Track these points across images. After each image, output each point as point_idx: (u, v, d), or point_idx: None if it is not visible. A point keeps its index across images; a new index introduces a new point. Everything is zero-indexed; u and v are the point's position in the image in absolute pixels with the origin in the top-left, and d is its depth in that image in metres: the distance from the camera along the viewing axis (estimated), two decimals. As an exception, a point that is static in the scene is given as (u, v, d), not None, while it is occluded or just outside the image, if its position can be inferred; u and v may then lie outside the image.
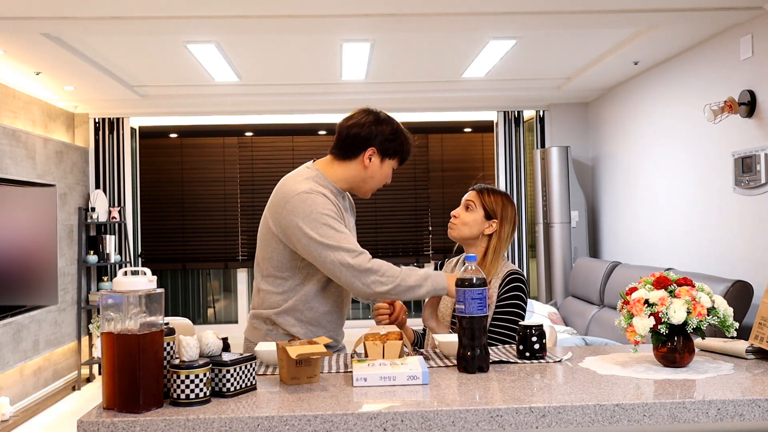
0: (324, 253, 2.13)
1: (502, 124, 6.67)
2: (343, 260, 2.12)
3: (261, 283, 2.30)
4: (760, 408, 1.61)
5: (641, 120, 5.43)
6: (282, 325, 2.28)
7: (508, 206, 2.51)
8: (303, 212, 2.15)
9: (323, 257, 2.14)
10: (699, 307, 1.89)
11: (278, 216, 2.20)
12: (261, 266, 2.31)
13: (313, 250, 2.14)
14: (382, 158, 2.32)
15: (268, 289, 2.28)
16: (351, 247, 2.14)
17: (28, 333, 5.17)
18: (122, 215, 6.40)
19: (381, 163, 2.32)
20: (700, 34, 4.35)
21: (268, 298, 2.29)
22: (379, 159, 2.31)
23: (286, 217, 2.17)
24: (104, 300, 1.65)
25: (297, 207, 2.16)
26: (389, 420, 1.56)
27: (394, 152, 2.33)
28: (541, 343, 2.07)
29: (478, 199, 2.52)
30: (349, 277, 2.14)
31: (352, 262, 2.13)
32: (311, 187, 2.20)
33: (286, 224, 2.18)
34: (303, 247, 2.16)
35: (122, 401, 1.59)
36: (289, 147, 6.85)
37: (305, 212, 2.15)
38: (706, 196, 4.45)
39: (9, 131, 4.98)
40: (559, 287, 6.15)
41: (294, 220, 2.15)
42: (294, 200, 2.17)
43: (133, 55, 4.84)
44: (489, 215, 2.49)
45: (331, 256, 2.12)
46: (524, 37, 4.53)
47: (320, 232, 2.13)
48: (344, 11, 3.85)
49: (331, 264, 2.13)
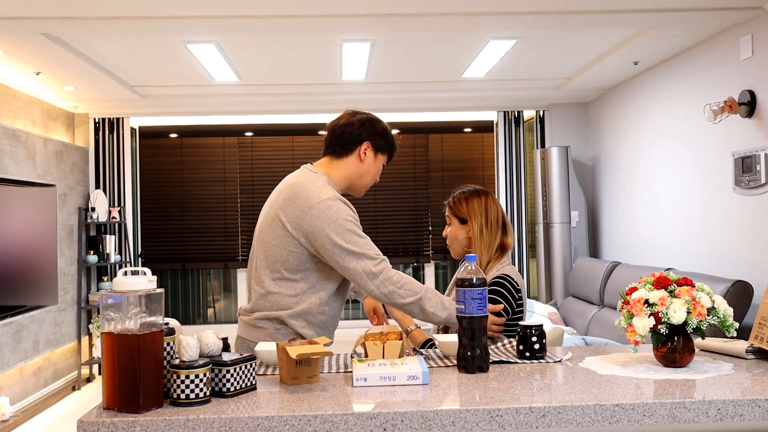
0: (348, 259, 2.20)
1: (502, 124, 6.67)
2: (366, 268, 2.20)
3: (270, 285, 2.30)
4: (760, 408, 1.61)
5: (641, 120, 5.43)
6: (293, 327, 2.30)
7: (473, 202, 2.53)
8: (329, 219, 2.20)
9: (346, 263, 2.20)
10: (699, 307, 1.89)
11: (300, 220, 2.23)
12: (270, 267, 2.30)
13: (337, 256, 2.20)
14: (375, 153, 2.41)
15: (279, 291, 2.29)
16: (373, 254, 2.22)
17: (28, 333, 5.17)
18: (122, 215, 6.40)
19: (375, 157, 2.41)
20: (700, 34, 4.35)
21: (279, 300, 2.30)
22: (373, 153, 2.40)
23: (311, 222, 2.21)
24: (104, 300, 1.65)
25: (323, 213, 2.21)
26: (389, 420, 1.56)
27: (384, 147, 2.42)
28: (541, 343, 2.07)
29: (450, 211, 2.59)
30: (369, 284, 2.20)
31: (375, 270, 2.20)
32: (334, 194, 2.27)
33: (310, 229, 2.22)
34: (327, 252, 2.21)
35: (122, 401, 1.59)
36: (289, 147, 6.85)
37: (331, 219, 2.20)
38: (706, 196, 4.45)
39: (9, 131, 4.98)
40: (559, 287, 6.15)
41: (320, 225, 2.20)
42: (320, 207, 2.22)
43: (133, 55, 4.85)
44: (463, 220, 2.53)
45: (355, 262, 2.20)
46: (524, 37, 4.53)
47: (346, 239, 2.20)
48: (344, 11, 3.85)
49: (353, 271, 2.20)
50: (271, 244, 2.29)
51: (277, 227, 2.28)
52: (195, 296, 7.13)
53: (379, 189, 6.70)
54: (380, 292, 2.20)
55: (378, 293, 2.21)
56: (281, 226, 2.26)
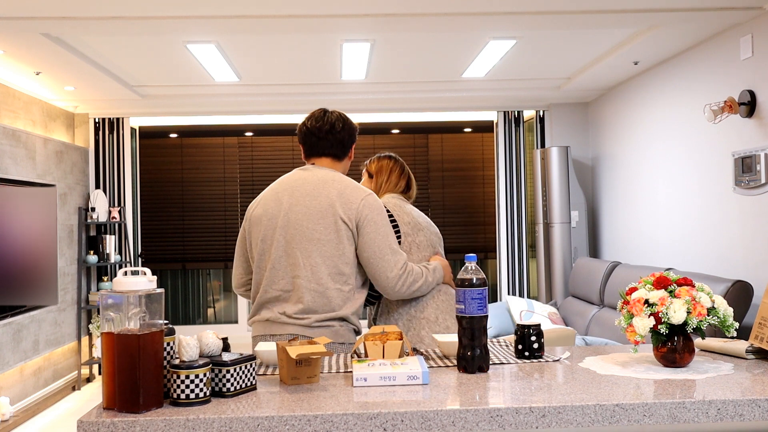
0: (387, 251, 2.34)
1: (502, 124, 6.67)
2: (399, 263, 2.37)
3: (329, 282, 2.32)
4: (760, 408, 1.61)
5: (641, 120, 5.43)
6: (354, 323, 2.40)
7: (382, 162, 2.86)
8: (378, 211, 2.38)
9: (384, 253, 2.34)
10: (699, 307, 1.89)
11: (354, 211, 2.35)
12: (327, 264, 2.32)
13: (378, 247, 2.34)
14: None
15: (338, 287, 2.34)
16: (404, 255, 2.42)
17: (28, 333, 5.17)
18: (122, 215, 6.40)
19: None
20: (700, 34, 4.35)
21: (340, 297, 2.34)
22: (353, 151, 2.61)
23: (363, 212, 2.35)
24: (104, 300, 1.65)
25: (373, 205, 2.38)
26: (389, 420, 1.56)
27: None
28: (540, 343, 2.07)
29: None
30: (394, 276, 2.35)
31: (402, 265, 2.39)
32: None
33: (364, 218, 2.35)
34: (370, 240, 2.34)
35: (122, 401, 1.59)
36: (289, 147, 6.85)
37: (380, 211, 2.39)
38: (706, 196, 4.45)
39: (9, 131, 4.98)
40: (559, 287, 6.15)
41: (372, 216, 2.36)
42: (369, 199, 2.39)
43: (133, 55, 4.85)
44: (371, 175, 2.87)
45: (390, 256, 2.35)
46: (524, 37, 4.53)
47: (388, 231, 2.38)
48: (344, 11, 3.85)
49: (387, 262, 2.34)
50: (326, 240, 2.32)
51: (332, 222, 2.33)
52: (195, 296, 7.13)
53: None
54: (402, 282, 2.37)
55: (400, 284, 2.36)
56: (339, 220, 2.33)
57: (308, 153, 2.52)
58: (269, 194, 2.45)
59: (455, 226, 6.96)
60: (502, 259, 6.63)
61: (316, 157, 2.50)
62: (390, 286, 2.35)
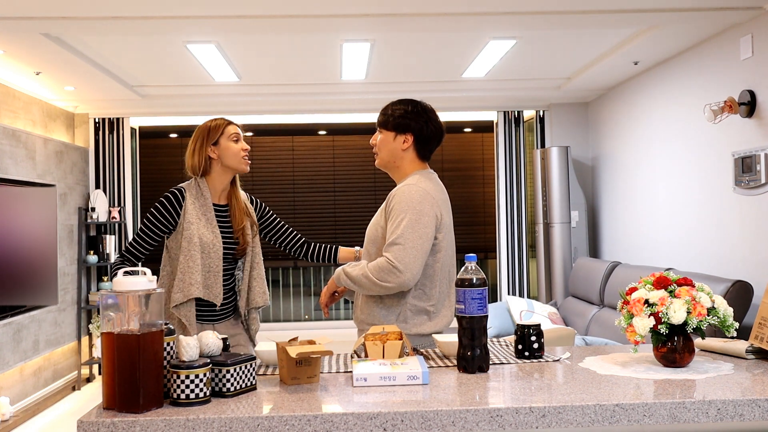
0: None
1: (502, 124, 6.67)
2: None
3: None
4: (760, 408, 1.61)
5: (641, 120, 5.43)
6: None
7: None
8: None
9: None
10: (699, 307, 1.89)
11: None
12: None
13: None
14: None
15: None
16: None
17: (28, 333, 5.17)
18: (122, 215, 6.40)
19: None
20: (700, 34, 4.35)
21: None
22: None
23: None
24: (104, 300, 1.65)
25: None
26: (389, 420, 1.56)
27: None
28: (540, 343, 2.07)
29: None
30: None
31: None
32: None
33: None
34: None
35: (122, 401, 1.59)
36: (289, 147, 6.85)
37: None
38: (706, 196, 4.45)
39: (9, 131, 4.98)
40: (559, 287, 6.15)
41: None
42: None
43: (133, 55, 4.85)
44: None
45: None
46: (524, 37, 4.53)
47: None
48: (344, 11, 3.85)
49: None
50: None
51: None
52: (195, 296, 7.11)
53: (379, 188, 6.70)
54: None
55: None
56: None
57: (428, 156, 2.69)
58: (440, 204, 2.54)
59: (455, 225, 6.92)
60: (502, 259, 6.63)
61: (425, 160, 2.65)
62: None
